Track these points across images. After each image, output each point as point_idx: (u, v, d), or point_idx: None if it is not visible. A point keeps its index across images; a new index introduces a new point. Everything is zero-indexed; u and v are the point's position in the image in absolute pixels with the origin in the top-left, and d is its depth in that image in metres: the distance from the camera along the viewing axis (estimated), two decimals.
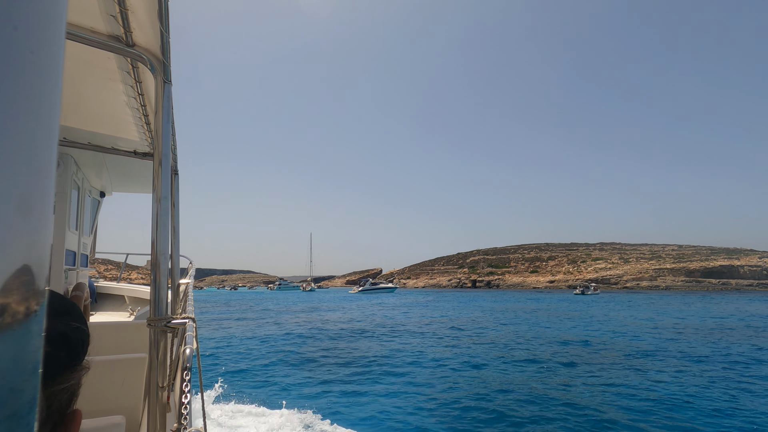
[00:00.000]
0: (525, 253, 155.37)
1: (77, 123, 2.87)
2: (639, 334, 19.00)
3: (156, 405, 1.53)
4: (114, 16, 1.46)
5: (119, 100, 2.36)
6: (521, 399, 8.71)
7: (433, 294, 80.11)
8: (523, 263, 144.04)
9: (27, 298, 0.20)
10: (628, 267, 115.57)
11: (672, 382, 10.06)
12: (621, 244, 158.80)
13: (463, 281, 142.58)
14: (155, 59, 1.62)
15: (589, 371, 11.36)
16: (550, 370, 11.51)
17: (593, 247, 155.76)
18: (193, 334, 2.00)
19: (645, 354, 13.93)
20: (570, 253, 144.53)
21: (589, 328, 21.79)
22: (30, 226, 0.20)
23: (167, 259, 1.56)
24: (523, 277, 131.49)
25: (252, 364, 12.90)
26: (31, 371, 0.20)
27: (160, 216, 1.56)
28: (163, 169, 1.60)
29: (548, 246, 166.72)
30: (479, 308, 37.60)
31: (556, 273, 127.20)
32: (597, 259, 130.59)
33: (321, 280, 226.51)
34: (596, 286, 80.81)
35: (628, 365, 12.10)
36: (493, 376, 10.87)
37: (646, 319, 27.00)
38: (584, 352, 14.54)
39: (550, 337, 18.55)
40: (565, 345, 16.07)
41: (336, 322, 25.22)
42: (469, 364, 12.33)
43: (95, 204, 5.81)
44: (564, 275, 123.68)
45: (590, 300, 52.85)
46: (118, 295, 6.26)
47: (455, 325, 23.61)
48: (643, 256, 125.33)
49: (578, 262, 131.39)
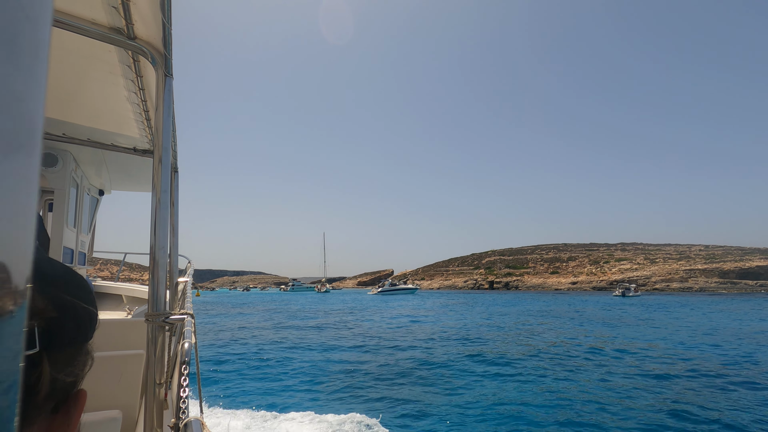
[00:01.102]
0: (543, 254, 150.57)
1: (76, 118, 2.78)
2: (739, 346, 15.95)
3: (153, 401, 1.51)
4: (116, 7, 1.43)
5: (120, 95, 2.29)
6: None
7: (455, 296, 76.08)
8: (541, 264, 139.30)
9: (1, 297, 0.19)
10: (655, 268, 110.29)
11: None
12: (643, 244, 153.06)
13: (479, 282, 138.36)
14: (157, 52, 1.58)
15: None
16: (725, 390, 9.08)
17: (614, 247, 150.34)
18: (191, 330, 1.97)
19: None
20: (591, 254, 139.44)
21: (680, 338, 18.37)
22: (8, 223, 0.18)
23: (166, 255, 1.53)
24: (543, 278, 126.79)
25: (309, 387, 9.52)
26: (7, 374, 0.19)
27: (159, 212, 1.52)
28: (163, 166, 1.55)
29: (566, 246, 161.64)
30: (521, 312, 33.71)
31: (578, 274, 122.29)
32: (621, 259, 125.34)
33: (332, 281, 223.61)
34: (636, 288, 75.66)
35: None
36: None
37: (727, 326, 23.18)
38: (712, 365, 11.95)
39: (655, 346, 15.07)
40: (686, 360, 13.20)
41: (390, 334, 21.70)
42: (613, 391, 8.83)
43: (94, 202, 5.70)
44: (587, 276, 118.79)
45: (638, 303, 48.35)
46: (116, 294, 6.14)
47: (512, 332, 19.94)
48: (670, 256, 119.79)
49: (600, 263, 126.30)
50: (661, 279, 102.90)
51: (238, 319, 29.25)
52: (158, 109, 1.58)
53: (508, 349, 15.08)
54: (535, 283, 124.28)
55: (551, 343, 16.71)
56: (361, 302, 50.41)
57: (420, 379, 10.81)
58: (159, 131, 1.56)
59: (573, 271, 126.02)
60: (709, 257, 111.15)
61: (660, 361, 12.91)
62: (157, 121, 1.58)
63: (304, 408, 8.30)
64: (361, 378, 10.90)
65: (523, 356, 13.61)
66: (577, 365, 12.32)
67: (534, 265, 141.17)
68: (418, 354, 14.16)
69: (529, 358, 13.33)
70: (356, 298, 63.50)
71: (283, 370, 12.02)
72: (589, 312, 34.04)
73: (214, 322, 26.89)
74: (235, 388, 10.07)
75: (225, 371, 11.78)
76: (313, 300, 59.51)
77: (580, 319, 27.95)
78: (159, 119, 1.57)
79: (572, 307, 40.93)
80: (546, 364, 12.46)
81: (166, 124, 1.56)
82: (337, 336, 19.23)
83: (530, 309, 37.79)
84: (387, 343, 16.55)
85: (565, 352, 14.64)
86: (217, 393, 9.53)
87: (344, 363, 12.83)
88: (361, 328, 22.33)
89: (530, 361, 12.88)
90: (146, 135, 2.94)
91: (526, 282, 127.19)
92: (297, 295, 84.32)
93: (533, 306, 42.31)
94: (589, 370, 11.69)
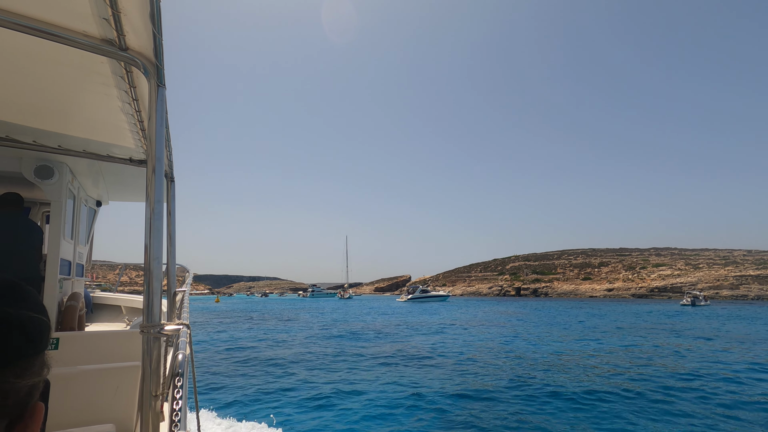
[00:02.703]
0: (571, 259, 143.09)
1: (72, 130, 2.81)
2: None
3: (149, 414, 1.48)
4: (107, 19, 1.43)
5: (114, 106, 2.30)
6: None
7: (488, 304, 70.13)
8: (571, 269, 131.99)
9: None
10: (700, 274, 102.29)
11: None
12: (679, 249, 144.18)
13: (505, 289, 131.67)
14: (149, 62, 1.60)
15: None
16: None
17: (647, 252, 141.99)
18: (186, 341, 1.97)
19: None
20: (623, 259, 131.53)
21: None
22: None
23: (161, 265, 1.53)
24: (575, 284, 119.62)
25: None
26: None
27: (154, 222, 1.53)
28: (157, 175, 1.56)
29: (595, 251, 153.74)
30: (583, 327, 28.11)
31: (614, 280, 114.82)
32: (659, 265, 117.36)
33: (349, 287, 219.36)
34: (706, 296, 68.24)
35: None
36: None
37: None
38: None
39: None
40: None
41: (516, 365, 16.67)
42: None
43: (92, 213, 5.66)
44: (623, 282, 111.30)
45: (713, 314, 41.95)
46: (115, 305, 6.09)
47: (651, 355, 14.59)
48: (714, 261, 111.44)
49: (637, 269, 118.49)
50: (709, 286, 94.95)
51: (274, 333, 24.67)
52: (151, 118, 1.59)
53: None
54: (566, 290, 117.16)
55: (717, 373, 11.58)
56: (399, 312, 45.34)
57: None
58: (152, 141, 1.57)
59: (607, 277, 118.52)
60: (760, 263, 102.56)
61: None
62: (150, 130, 1.59)
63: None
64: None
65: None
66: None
67: (563, 270, 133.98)
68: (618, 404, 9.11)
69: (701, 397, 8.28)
70: (388, 306, 58.33)
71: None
72: (679, 325, 28.33)
73: (244, 345, 22.20)
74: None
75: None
76: (342, 308, 54.70)
77: (687, 335, 22.50)
78: (152, 129, 1.58)
79: (641, 318, 35.10)
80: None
81: (159, 133, 1.57)
82: (465, 384, 14.33)
83: (597, 323, 32.17)
84: (539, 383, 11.53)
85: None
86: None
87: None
88: (467, 365, 17.36)
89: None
90: (141, 145, 2.94)
91: (556, 288, 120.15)
92: (320, 302, 79.35)
93: (593, 318, 36.57)
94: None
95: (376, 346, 17.90)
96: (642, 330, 24.98)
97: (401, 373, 12.25)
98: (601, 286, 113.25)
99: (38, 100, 2.38)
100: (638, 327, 27.02)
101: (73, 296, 4.31)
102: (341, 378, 11.54)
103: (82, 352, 2.85)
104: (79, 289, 4.96)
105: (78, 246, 4.99)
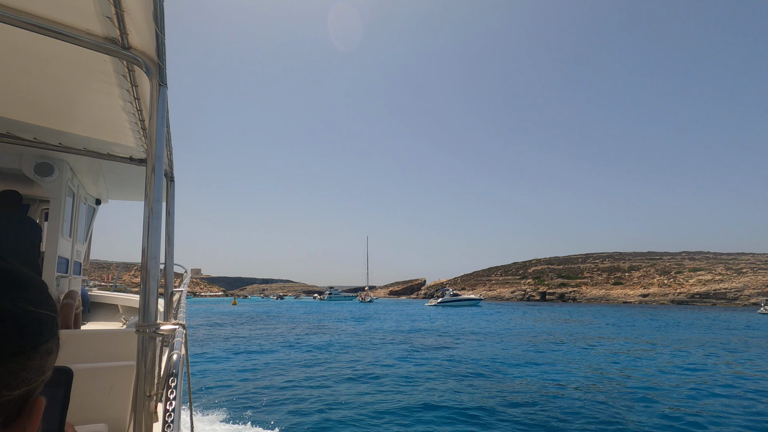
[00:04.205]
0: (598, 263, 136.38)
1: (73, 128, 2.81)
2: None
3: (142, 414, 1.50)
4: (110, 17, 1.44)
5: (115, 105, 2.31)
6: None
7: (521, 309, 64.62)
8: (599, 274, 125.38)
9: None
10: (745, 279, 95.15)
11: None
12: (713, 252, 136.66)
13: (529, 293, 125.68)
14: (151, 62, 1.61)
15: None
16: None
17: (679, 255, 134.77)
18: (182, 341, 1.94)
19: None
20: (655, 263, 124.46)
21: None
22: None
23: (157, 264, 1.54)
24: (605, 289, 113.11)
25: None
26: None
27: (152, 221, 1.55)
28: (156, 175, 1.57)
29: (621, 255, 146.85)
30: (674, 337, 23.19)
31: (648, 285, 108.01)
32: (696, 269, 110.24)
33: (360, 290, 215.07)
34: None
35: None
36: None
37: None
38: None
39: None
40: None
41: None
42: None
43: (90, 211, 5.67)
44: (659, 288, 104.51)
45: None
46: (112, 304, 6.03)
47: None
48: (758, 266, 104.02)
49: (672, 273, 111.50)
50: (757, 292, 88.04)
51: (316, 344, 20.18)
52: (152, 118, 1.59)
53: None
54: (596, 295, 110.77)
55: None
56: (441, 318, 40.54)
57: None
58: (153, 140, 1.57)
59: (640, 282, 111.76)
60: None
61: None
62: (151, 130, 1.59)
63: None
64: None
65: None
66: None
67: (590, 275, 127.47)
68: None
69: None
70: (419, 312, 53.24)
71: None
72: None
73: (285, 358, 17.74)
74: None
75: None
76: (372, 314, 49.98)
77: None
78: (153, 128, 1.58)
79: (725, 329, 29.91)
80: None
81: (159, 133, 1.57)
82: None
83: (684, 333, 27.14)
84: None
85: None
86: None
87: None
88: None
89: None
90: (142, 144, 2.94)
91: (584, 293, 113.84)
92: (341, 306, 74.45)
93: (671, 328, 31.46)
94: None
95: (501, 381, 13.21)
96: (755, 346, 19.82)
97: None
98: (635, 291, 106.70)
99: (40, 97, 2.35)
100: (749, 341, 21.89)
101: (70, 294, 4.29)
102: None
103: (78, 351, 2.79)
104: (76, 287, 4.95)
105: (76, 244, 4.95)
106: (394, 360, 14.75)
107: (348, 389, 10.41)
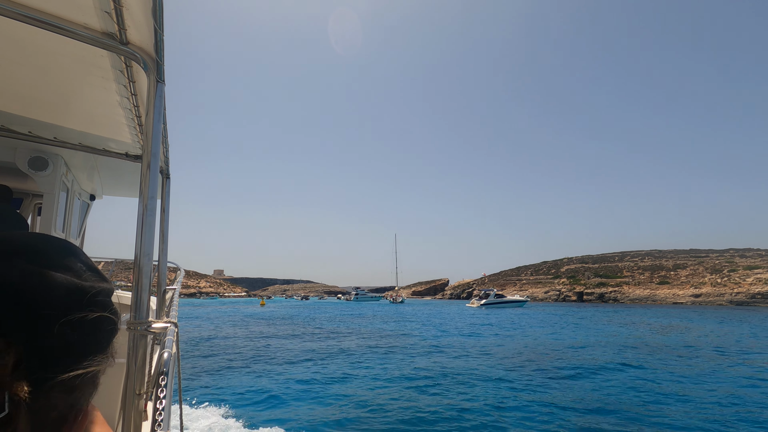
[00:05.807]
0: (637, 261, 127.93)
1: (68, 122, 2.79)
2: None
3: (132, 412, 1.48)
4: (108, 12, 1.44)
5: (112, 100, 2.29)
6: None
7: (570, 311, 58.70)
8: (641, 273, 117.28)
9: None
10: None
11: None
12: (765, 249, 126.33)
13: (564, 294, 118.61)
14: (149, 58, 1.61)
15: None
16: None
17: (727, 253, 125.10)
18: (173, 339, 1.96)
19: None
20: (702, 261, 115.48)
21: None
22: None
23: (150, 261, 1.53)
24: (650, 289, 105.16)
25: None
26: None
27: (146, 217, 1.53)
28: (152, 171, 1.56)
29: (662, 253, 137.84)
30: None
31: (699, 285, 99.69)
32: (752, 267, 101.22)
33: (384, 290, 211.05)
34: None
35: None
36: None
37: None
38: None
39: None
40: None
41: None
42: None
43: (84, 207, 5.55)
44: (712, 287, 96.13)
45: None
46: None
47: None
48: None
49: (725, 271, 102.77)
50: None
51: (380, 363, 15.84)
52: (149, 114, 1.59)
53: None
54: (641, 295, 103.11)
55: None
56: (501, 324, 35.84)
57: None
58: (149, 137, 1.57)
59: (690, 281, 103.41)
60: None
61: None
62: (147, 126, 1.59)
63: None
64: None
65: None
66: None
67: (630, 273, 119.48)
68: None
69: None
70: (467, 314, 48.21)
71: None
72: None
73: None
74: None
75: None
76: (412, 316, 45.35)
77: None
78: (149, 125, 1.58)
79: None
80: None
81: (156, 129, 1.57)
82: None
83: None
84: None
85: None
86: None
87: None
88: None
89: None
90: (138, 141, 2.94)
91: (627, 293, 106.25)
92: (372, 308, 70.05)
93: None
94: None
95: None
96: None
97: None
98: (685, 291, 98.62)
99: (36, 91, 2.33)
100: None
101: None
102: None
103: None
104: None
105: (69, 239, 4.67)
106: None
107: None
